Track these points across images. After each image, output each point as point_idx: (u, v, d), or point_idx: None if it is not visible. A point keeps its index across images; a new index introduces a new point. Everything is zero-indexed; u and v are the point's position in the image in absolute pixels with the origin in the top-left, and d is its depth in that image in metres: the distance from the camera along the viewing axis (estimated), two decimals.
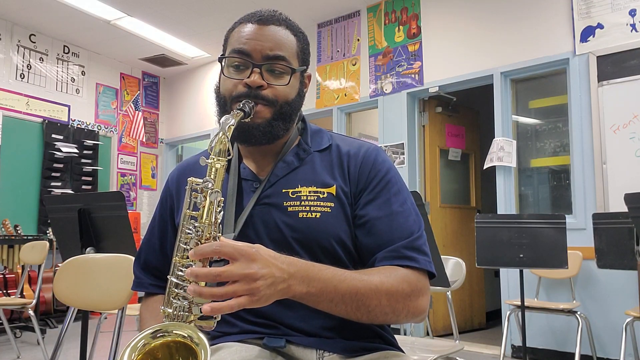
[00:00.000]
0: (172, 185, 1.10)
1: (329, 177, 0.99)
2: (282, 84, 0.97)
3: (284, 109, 0.98)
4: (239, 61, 0.97)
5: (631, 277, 2.95)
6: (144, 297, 1.10)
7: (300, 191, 0.97)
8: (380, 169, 1.00)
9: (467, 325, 4.62)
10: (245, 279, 0.71)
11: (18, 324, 4.22)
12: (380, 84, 4.66)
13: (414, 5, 4.53)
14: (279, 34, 0.98)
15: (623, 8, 3.46)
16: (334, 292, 0.82)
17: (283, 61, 0.97)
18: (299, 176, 1.00)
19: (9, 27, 5.13)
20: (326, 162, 1.02)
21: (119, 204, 2.20)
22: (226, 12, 4.91)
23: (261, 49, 0.96)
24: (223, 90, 1.00)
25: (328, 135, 1.08)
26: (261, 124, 0.96)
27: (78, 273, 1.76)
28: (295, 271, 0.78)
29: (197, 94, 6.40)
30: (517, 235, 2.88)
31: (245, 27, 0.99)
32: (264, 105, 0.96)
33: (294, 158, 1.02)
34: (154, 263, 1.08)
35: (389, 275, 0.88)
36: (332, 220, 0.96)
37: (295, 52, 1.00)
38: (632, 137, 3.36)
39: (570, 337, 3.45)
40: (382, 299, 0.86)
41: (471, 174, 4.99)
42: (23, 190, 5.15)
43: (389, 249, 0.93)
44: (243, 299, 0.71)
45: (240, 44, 0.97)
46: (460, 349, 2.18)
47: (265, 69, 0.96)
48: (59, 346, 2.02)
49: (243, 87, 0.96)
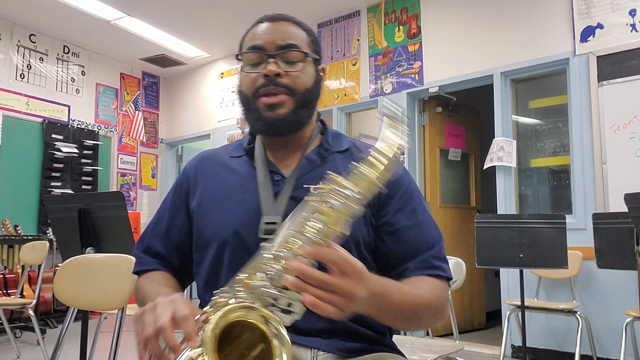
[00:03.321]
0: (190, 171, 1.11)
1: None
2: (297, 70, 1.01)
3: (305, 96, 1.01)
4: (255, 56, 1.01)
5: (631, 277, 2.95)
6: (143, 274, 1.08)
7: (322, 188, 0.98)
8: (404, 179, 1.04)
9: (467, 325, 4.62)
10: (348, 297, 0.71)
11: (18, 324, 4.22)
12: (380, 84, 4.66)
13: (414, 5, 4.53)
14: (289, 27, 1.03)
15: (623, 8, 3.46)
16: (399, 310, 0.85)
17: (296, 48, 1.01)
18: (321, 174, 1.00)
19: (9, 27, 5.13)
20: (347, 163, 1.02)
21: (119, 204, 2.20)
22: (226, 12, 4.91)
23: (273, 40, 1.00)
24: (243, 87, 1.03)
25: (347, 139, 1.11)
26: (286, 115, 0.99)
27: (78, 273, 1.75)
28: (378, 294, 0.79)
29: (197, 94, 6.40)
30: (517, 235, 2.88)
31: (257, 28, 1.04)
32: (286, 95, 0.99)
33: (316, 156, 1.04)
34: (157, 248, 1.08)
35: (431, 288, 0.94)
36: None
37: (306, 42, 1.04)
38: (632, 137, 3.36)
39: (570, 337, 3.45)
40: (430, 311, 0.92)
41: (471, 174, 4.99)
42: (23, 190, 5.15)
43: (420, 259, 0.98)
44: (333, 310, 0.70)
45: (253, 41, 1.02)
46: (460, 349, 2.19)
47: (280, 59, 1.00)
48: (59, 346, 2.02)
49: (262, 78, 0.99)
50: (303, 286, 0.69)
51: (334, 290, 0.70)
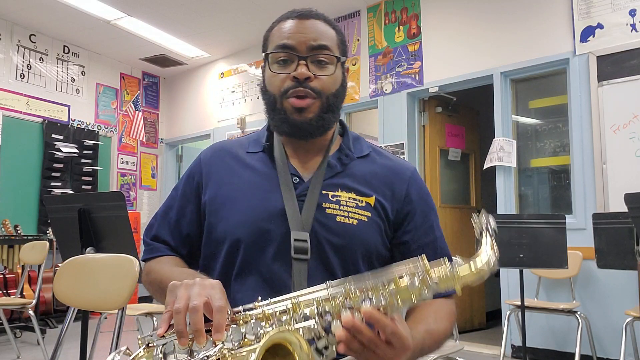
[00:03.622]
0: (204, 163, 1.08)
1: (368, 188, 1.00)
2: (327, 74, 0.98)
3: (331, 100, 0.99)
4: (284, 56, 0.98)
5: (631, 277, 2.95)
6: (153, 259, 1.06)
7: (339, 195, 0.98)
8: (426, 192, 1.05)
9: (467, 325, 4.62)
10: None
11: (18, 324, 4.22)
12: (380, 84, 4.66)
13: (414, 5, 4.53)
14: (320, 26, 1.00)
15: (623, 8, 3.46)
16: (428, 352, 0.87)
17: (327, 50, 0.98)
18: (340, 181, 1.00)
19: (9, 27, 5.13)
20: (366, 171, 1.03)
21: (119, 204, 2.20)
22: (226, 12, 4.91)
23: (305, 40, 0.97)
24: (270, 87, 1.00)
25: (366, 143, 1.10)
26: (313, 119, 0.97)
27: (78, 273, 1.76)
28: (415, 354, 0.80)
29: (197, 94, 6.40)
30: (517, 235, 2.88)
31: (285, 24, 1.00)
32: (313, 98, 0.97)
33: (337, 162, 1.02)
34: (165, 237, 1.07)
35: (448, 315, 0.96)
36: (368, 229, 0.97)
37: (336, 43, 1.01)
38: (632, 137, 3.36)
39: (570, 337, 3.45)
40: (448, 337, 0.95)
41: (471, 174, 4.99)
42: (23, 190, 5.15)
43: None
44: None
45: (283, 39, 0.98)
46: (460, 349, 2.19)
47: (311, 61, 0.97)
48: (59, 346, 2.02)
49: (291, 80, 0.96)
50: (351, 341, 0.69)
51: (376, 352, 0.70)
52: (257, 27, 5.13)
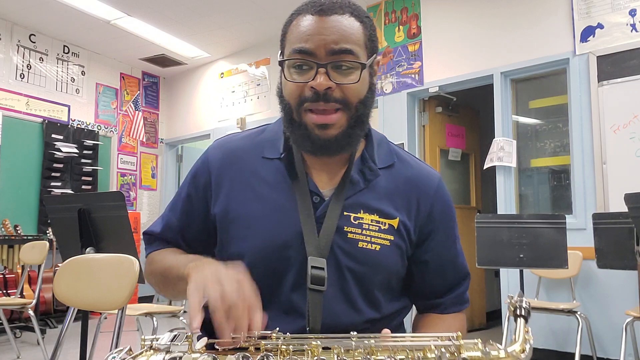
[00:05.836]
0: (213, 166, 0.97)
1: (392, 207, 0.93)
2: (352, 82, 0.85)
3: (360, 111, 0.87)
4: (302, 61, 0.85)
5: (631, 277, 2.95)
6: (154, 251, 1.02)
7: (362, 218, 0.91)
8: (449, 205, 1.00)
9: (467, 325, 4.60)
10: None
11: (18, 324, 4.22)
12: (381, 84, 4.66)
13: (414, 5, 4.53)
14: (344, 24, 0.85)
15: (623, 8, 3.46)
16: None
17: (351, 55, 0.85)
18: (363, 200, 0.92)
19: (9, 27, 5.13)
20: (391, 186, 0.94)
21: (119, 204, 2.20)
22: (226, 12, 4.91)
23: (325, 43, 0.84)
24: (287, 95, 0.88)
25: (390, 147, 1.00)
26: (338, 135, 0.86)
27: (78, 273, 1.76)
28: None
29: (197, 94, 6.40)
30: (517, 235, 2.88)
31: (304, 21, 0.87)
32: (338, 111, 0.85)
33: (360, 177, 0.92)
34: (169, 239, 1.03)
35: (463, 328, 0.97)
36: (390, 254, 0.92)
37: (363, 42, 0.87)
38: (632, 137, 3.36)
39: (570, 337, 3.45)
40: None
41: (471, 174, 4.99)
42: (23, 190, 5.15)
43: (455, 295, 1.01)
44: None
45: (300, 42, 0.85)
46: None
47: (332, 67, 0.84)
48: (59, 346, 2.02)
49: (309, 90, 0.84)
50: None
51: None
52: (257, 27, 5.14)
